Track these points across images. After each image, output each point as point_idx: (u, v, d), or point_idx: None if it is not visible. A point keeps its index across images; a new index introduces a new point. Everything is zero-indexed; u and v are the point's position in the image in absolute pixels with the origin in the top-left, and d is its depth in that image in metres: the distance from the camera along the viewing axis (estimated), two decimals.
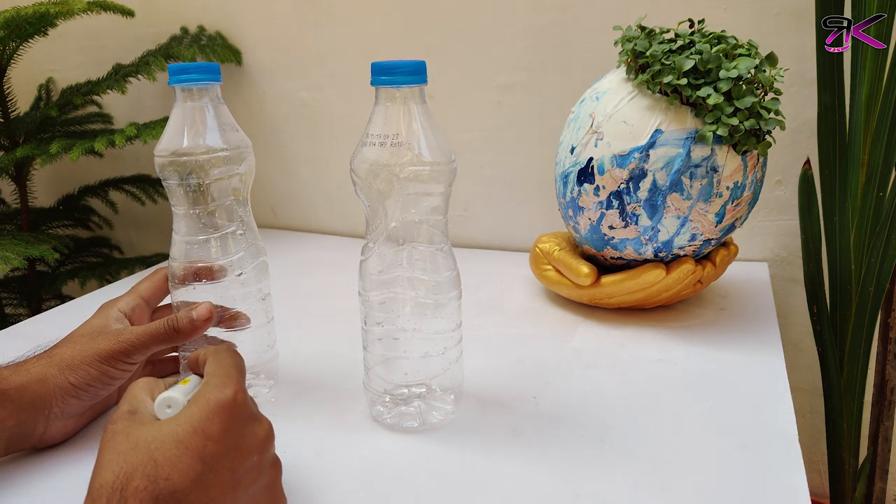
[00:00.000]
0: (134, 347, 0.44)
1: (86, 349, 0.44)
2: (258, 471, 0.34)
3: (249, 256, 0.54)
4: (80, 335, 0.46)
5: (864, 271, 0.67)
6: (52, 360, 0.43)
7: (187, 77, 0.49)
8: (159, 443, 0.31)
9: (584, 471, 0.43)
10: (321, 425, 0.49)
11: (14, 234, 0.97)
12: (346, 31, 0.95)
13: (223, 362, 0.37)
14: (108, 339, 0.44)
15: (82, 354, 0.44)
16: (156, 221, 1.21)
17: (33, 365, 0.43)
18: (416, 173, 0.43)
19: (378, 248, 0.46)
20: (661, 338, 0.62)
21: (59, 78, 1.18)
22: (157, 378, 0.38)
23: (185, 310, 0.46)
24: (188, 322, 0.45)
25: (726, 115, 0.57)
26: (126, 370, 0.45)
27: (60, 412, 0.43)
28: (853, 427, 0.72)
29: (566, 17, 0.83)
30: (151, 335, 0.45)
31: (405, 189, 0.43)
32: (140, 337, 0.45)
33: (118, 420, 0.33)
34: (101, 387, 0.44)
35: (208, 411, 0.32)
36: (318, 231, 1.07)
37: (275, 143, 1.06)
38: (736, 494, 0.40)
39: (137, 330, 0.45)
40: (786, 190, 0.80)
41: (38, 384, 0.42)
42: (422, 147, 0.43)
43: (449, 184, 0.45)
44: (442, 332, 0.47)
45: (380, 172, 0.43)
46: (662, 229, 0.61)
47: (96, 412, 0.48)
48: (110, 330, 0.46)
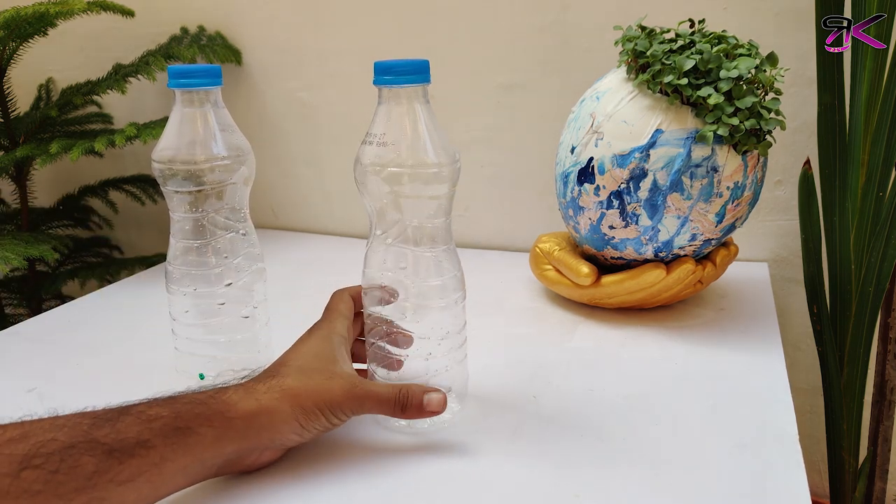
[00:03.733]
0: (363, 408, 0.44)
1: (321, 392, 0.42)
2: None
3: (247, 262, 0.54)
4: (312, 369, 0.44)
5: (864, 271, 0.67)
6: (284, 394, 0.42)
7: (188, 80, 0.49)
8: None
9: (584, 471, 0.43)
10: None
11: (14, 234, 0.97)
12: (346, 31, 0.95)
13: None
14: (343, 389, 0.43)
15: (317, 396, 0.42)
16: (156, 221, 1.21)
17: (264, 393, 0.41)
18: (420, 174, 0.43)
19: (381, 249, 0.46)
20: (661, 338, 0.62)
21: (59, 78, 1.18)
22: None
23: (418, 389, 0.45)
24: (417, 408, 0.44)
25: (727, 114, 0.57)
26: (346, 421, 0.44)
27: (280, 444, 0.42)
28: (853, 427, 0.72)
29: (566, 17, 0.83)
30: (381, 404, 0.44)
31: (408, 189, 0.43)
32: (374, 399, 0.44)
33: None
34: (322, 430, 0.43)
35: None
36: (318, 231, 1.07)
37: (275, 144, 1.06)
38: (736, 494, 0.40)
39: (371, 391, 0.44)
40: (786, 190, 0.80)
41: (267, 417, 0.41)
42: (426, 147, 0.43)
43: (453, 184, 0.44)
44: (447, 334, 0.47)
45: (383, 173, 0.43)
46: (663, 229, 0.61)
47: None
48: (343, 373, 0.44)
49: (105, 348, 0.65)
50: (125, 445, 0.36)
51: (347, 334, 0.48)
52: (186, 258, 0.52)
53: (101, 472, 0.35)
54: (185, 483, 0.39)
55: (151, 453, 0.36)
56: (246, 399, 0.41)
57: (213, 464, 0.40)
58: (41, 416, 0.37)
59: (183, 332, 0.54)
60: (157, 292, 0.78)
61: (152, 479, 0.37)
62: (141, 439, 0.36)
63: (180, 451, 0.38)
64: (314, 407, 0.42)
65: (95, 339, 0.67)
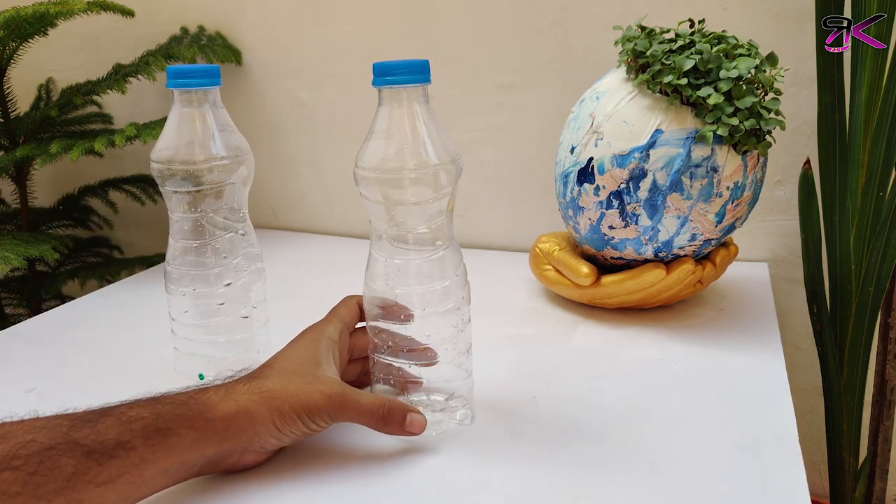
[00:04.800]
0: (343, 415, 0.43)
1: (299, 395, 0.42)
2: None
3: (246, 262, 0.54)
4: (293, 372, 0.43)
5: (864, 271, 0.67)
6: (262, 396, 0.41)
7: (186, 81, 0.49)
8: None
9: (584, 471, 0.43)
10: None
11: (14, 234, 0.97)
12: (346, 31, 0.95)
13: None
14: (322, 395, 0.42)
15: (294, 400, 0.41)
16: (156, 221, 1.21)
17: (242, 394, 0.41)
18: (421, 175, 0.42)
19: (382, 250, 0.45)
20: (661, 338, 0.62)
21: (59, 78, 1.18)
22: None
23: (402, 406, 0.44)
24: (399, 424, 0.44)
25: (726, 115, 0.57)
26: (326, 427, 0.44)
27: (259, 446, 0.42)
28: (853, 427, 0.72)
29: (566, 17, 0.83)
30: (362, 414, 0.43)
31: (409, 190, 0.43)
32: (353, 407, 0.43)
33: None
34: (301, 435, 0.43)
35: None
36: (318, 231, 1.07)
37: (274, 144, 1.06)
38: (736, 494, 0.40)
39: (351, 400, 0.43)
40: (786, 190, 0.80)
41: (246, 418, 0.40)
42: (427, 147, 0.42)
43: (454, 184, 0.44)
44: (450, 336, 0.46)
45: (384, 173, 0.42)
46: (662, 229, 0.61)
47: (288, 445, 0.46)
48: (324, 378, 0.43)
49: (105, 348, 0.65)
50: (105, 447, 0.36)
51: (339, 338, 0.47)
52: (185, 258, 0.52)
53: (80, 474, 0.35)
54: (167, 483, 0.39)
55: (131, 454, 0.36)
56: (225, 400, 0.41)
57: (194, 464, 0.40)
58: (22, 417, 0.37)
59: (182, 332, 0.54)
60: (156, 292, 0.78)
61: (133, 480, 0.37)
62: (121, 440, 0.36)
63: (161, 453, 0.38)
64: (291, 411, 0.41)
65: (95, 339, 0.67)
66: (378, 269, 0.45)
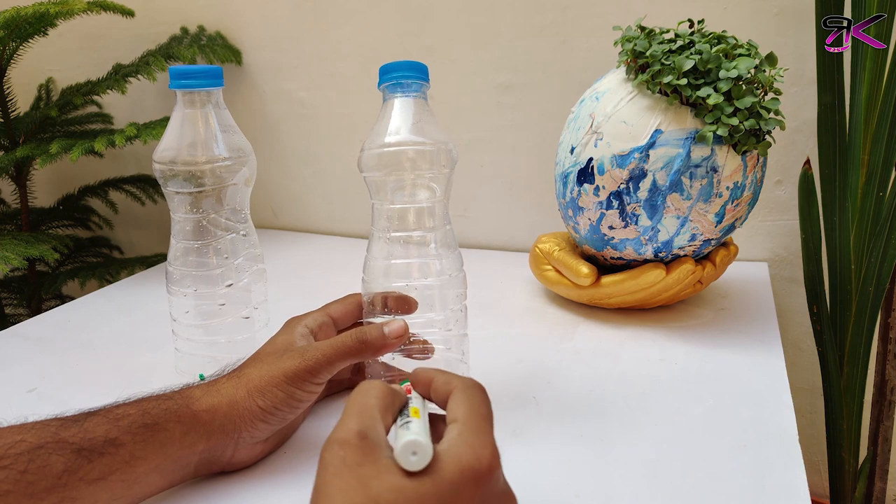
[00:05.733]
0: (320, 365, 0.42)
1: (272, 370, 0.42)
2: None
3: (247, 262, 0.54)
4: (267, 354, 0.44)
5: (864, 271, 0.67)
6: (240, 382, 0.42)
7: (189, 81, 0.49)
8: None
9: (585, 471, 0.43)
10: (324, 427, 0.49)
11: (14, 234, 0.97)
12: (346, 31, 0.95)
13: (477, 409, 0.33)
14: (293, 358, 0.42)
15: (269, 375, 0.41)
16: (156, 221, 1.21)
17: (224, 385, 0.42)
18: (419, 154, 0.44)
19: (382, 248, 0.46)
20: (661, 338, 0.62)
21: (59, 78, 1.18)
22: (389, 386, 0.35)
23: (374, 325, 0.43)
24: (378, 336, 0.43)
25: (726, 115, 0.57)
26: (313, 391, 0.43)
27: (249, 436, 0.41)
28: (853, 427, 0.72)
29: (566, 17, 0.83)
30: (338, 350, 0.42)
31: (411, 177, 0.44)
32: (326, 353, 0.42)
33: (346, 444, 0.30)
34: (288, 410, 0.42)
35: (461, 480, 0.29)
36: (318, 231, 1.07)
37: (274, 144, 1.06)
38: (736, 494, 0.40)
39: (323, 345, 0.42)
40: (786, 190, 0.80)
41: (229, 407, 0.41)
42: (424, 134, 0.44)
43: (450, 168, 0.45)
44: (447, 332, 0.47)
45: (388, 165, 0.44)
46: (662, 229, 0.61)
47: (283, 437, 0.46)
48: (295, 347, 0.43)
49: (105, 348, 0.65)
50: (94, 444, 0.36)
51: (320, 329, 0.47)
52: (187, 259, 0.52)
53: (70, 471, 0.35)
54: (163, 483, 0.39)
55: (121, 451, 0.37)
56: (209, 393, 0.41)
57: (187, 462, 0.40)
58: (10, 423, 0.37)
59: (183, 332, 0.54)
60: (157, 292, 0.79)
61: (124, 477, 0.37)
62: (109, 437, 0.37)
63: (150, 449, 0.38)
64: (269, 385, 0.41)
65: (95, 339, 0.67)
66: (376, 265, 0.46)
